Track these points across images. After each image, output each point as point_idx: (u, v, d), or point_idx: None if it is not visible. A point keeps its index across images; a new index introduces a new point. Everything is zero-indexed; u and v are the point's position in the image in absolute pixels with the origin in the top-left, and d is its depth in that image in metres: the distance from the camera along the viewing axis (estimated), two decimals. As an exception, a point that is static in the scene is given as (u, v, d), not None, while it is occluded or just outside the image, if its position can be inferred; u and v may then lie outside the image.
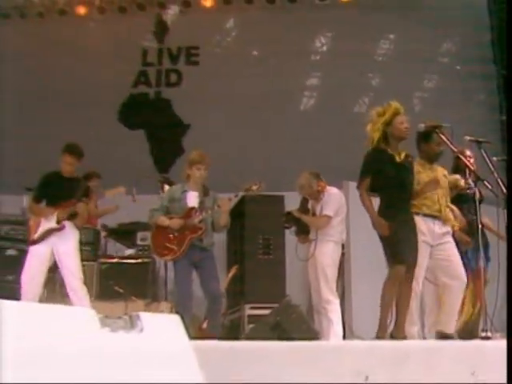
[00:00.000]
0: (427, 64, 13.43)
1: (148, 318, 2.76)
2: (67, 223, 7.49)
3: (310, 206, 8.46)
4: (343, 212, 8.30)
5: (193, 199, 7.70)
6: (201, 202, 7.65)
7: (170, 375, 2.70)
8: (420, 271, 6.84)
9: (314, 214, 8.32)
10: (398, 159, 6.77)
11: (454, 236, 7.23)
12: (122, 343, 2.63)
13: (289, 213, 8.64)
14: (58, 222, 7.43)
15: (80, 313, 2.63)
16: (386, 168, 6.74)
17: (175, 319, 2.93)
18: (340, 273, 8.45)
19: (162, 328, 2.84)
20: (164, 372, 2.68)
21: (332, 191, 8.30)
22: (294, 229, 8.61)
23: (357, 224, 8.59)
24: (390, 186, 6.73)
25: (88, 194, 7.73)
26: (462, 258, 7.20)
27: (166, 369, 2.70)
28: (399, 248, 6.55)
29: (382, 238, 6.67)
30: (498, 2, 12.87)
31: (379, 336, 6.50)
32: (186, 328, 2.93)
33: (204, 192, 7.73)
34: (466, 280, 6.98)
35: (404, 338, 6.59)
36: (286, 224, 8.72)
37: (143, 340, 2.70)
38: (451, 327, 6.90)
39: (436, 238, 7.04)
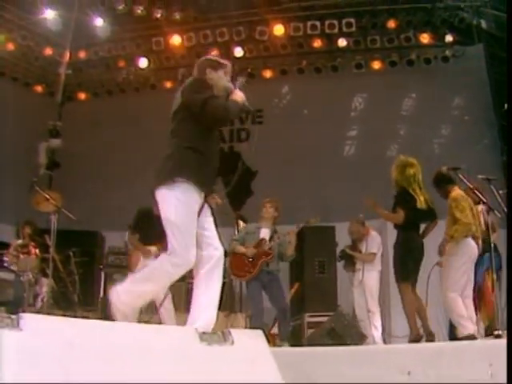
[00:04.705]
0: (442, 116, 13.25)
1: (237, 333, 2.78)
2: None
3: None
4: (381, 248, 8.84)
5: (264, 234, 7.90)
6: (270, 237, 7.83)
7: (257, 378, 2.73)
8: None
9: (360, 251, 8.89)
10: None
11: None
12: (216, 354, 2.66)
13: (343, 250, 9.12)
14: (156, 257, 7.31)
15: (185, 331, 2.68)
16: None
17: (259, 334, 2.94)
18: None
19: (248, 341, 2.86)
20: (252, 376, 2.70)
21: (373, 234, 8.96)
22: (343, 262, 9.18)
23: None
24: None
25: None
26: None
27: (253, 373, 2.73)
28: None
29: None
30: (494, 66, 12.77)
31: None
32: (268, 340, 2.94)
33: (274, 230, 7.96)
34: (446, 297, 6.68)
35: (418, 339, 6.46)
36: (339, 257, 9.20)
37: (234, 351, 2.73)
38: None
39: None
